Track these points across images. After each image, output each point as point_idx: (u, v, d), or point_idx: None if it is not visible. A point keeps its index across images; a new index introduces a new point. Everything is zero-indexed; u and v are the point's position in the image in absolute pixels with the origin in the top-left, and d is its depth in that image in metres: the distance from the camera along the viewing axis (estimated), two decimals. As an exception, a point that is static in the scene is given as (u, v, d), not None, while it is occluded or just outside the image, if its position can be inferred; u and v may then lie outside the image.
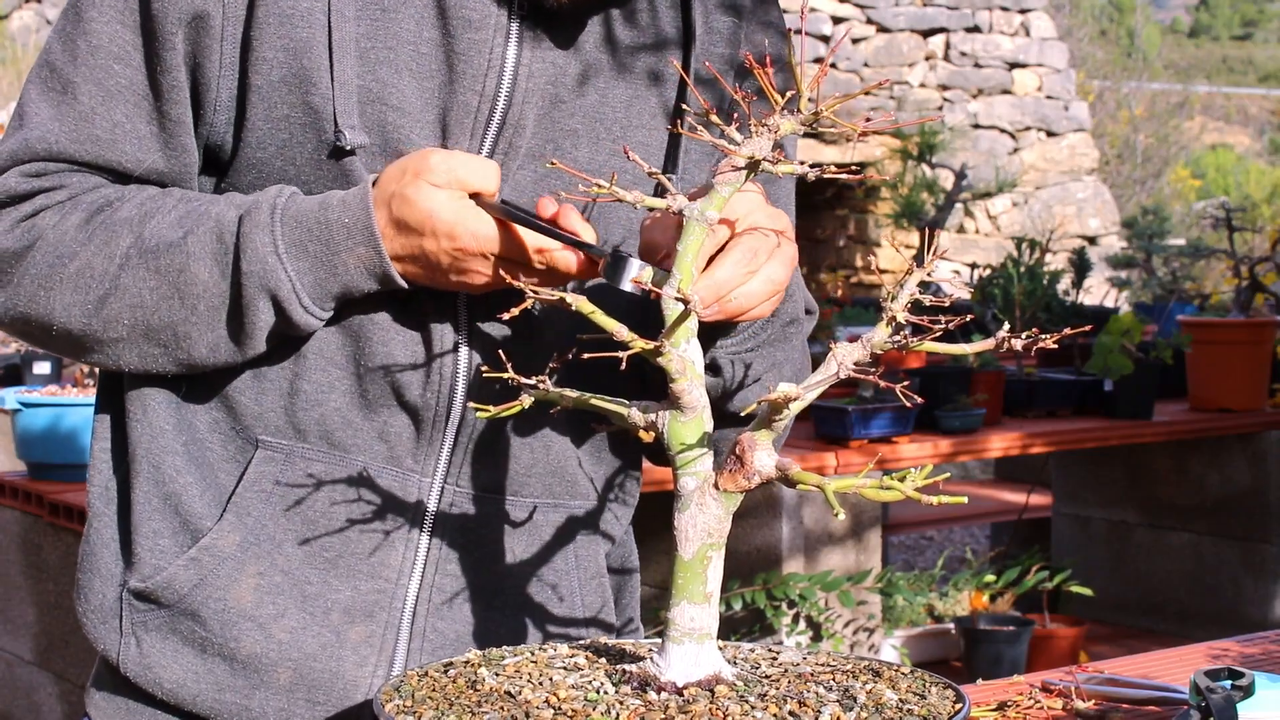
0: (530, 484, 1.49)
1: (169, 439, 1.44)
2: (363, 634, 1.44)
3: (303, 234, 1.35)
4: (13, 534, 3.93)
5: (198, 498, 1.43)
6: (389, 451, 1.44)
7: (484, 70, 1.40)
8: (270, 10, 1.37)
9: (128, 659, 1.44)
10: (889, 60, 11.96)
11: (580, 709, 1.11)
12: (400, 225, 1.34)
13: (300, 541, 1.43)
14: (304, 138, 1.39)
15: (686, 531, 1.16)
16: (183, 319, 1.37)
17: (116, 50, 1.39)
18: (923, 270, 1.15)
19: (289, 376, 1.42)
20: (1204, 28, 39.96)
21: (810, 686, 1.17)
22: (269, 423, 1.43)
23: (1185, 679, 1.51)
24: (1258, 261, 5.15)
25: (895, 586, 4.43)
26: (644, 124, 1.49)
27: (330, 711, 1.42)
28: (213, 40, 1.38)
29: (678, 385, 1.16)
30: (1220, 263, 7.30)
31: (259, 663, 1.42)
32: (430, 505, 1.45)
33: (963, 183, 6.08)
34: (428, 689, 1.18)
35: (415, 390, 1.42)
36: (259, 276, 1.34)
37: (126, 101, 1.39)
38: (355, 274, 1.35)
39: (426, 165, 1.33)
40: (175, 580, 1.42)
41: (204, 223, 1.36)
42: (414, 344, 1.42)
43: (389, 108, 1.39)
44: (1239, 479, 4.97)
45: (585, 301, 1.18)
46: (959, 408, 4.33)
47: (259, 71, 1.38)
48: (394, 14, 1.40)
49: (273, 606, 1.42)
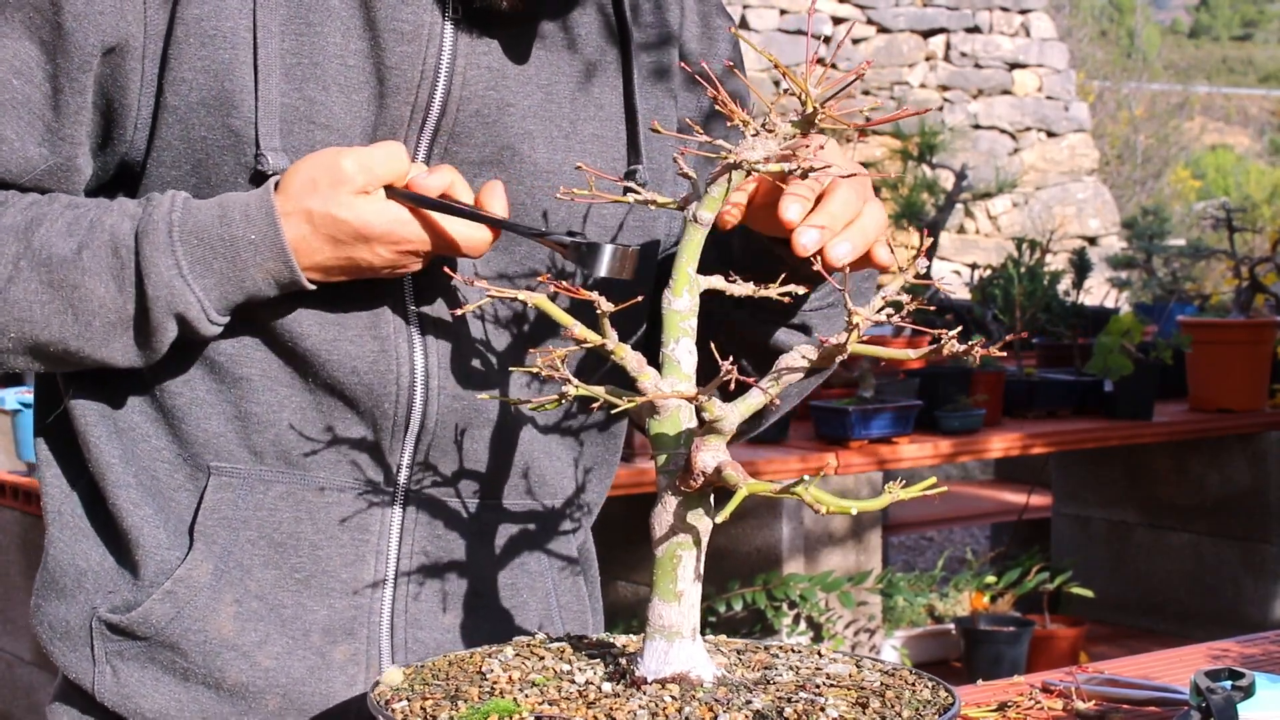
0: (497, 485, 1.47)
1: (118, 473, 1.40)
2: (347, 653, 1.42)
3: (205, 251, 1.31)
4: (13, 534, 3.93)
5: (160, 528, 1.40)
6: (349, 465, 1.41)
7: (416, 81, 1.37)
8: (190, 30, 1.33)
9: (103, 687, 1.41)
10: (889, 61, 11.96)
11: (543, 694, 1.12)
12: (332, 240, 1.31)
13: (269, 565, 1.40)
14: (221, 160, 1.35)
15: (655, 529, 1.18)
16: (75, 334, 1.32)
17: (19, 65, 1.33)
18: (904, 275, 1.16)
19: (234, 400, 1.39)
20: (1204, 28, 39.95)
21: (798, 692, 1.17)
22: (219, 448, 1.39)
23: (1185, 679, 1.51)
24: (1258, 262, 5.15)
25: (896, 587, 4.43)
26: (592, 116, 1.46)
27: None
28: (135, 61, 1.34)
29: (640, 383, 1.16)
30: (1220, 263, 7.30)
31: (246, 691, 1.40)
32: (396, 515, 1.43)
33: (963, 183, 6.07)
34: (409, 680, 1.20)
35: (371, 399, 1.39)
36: (165, 301, 1.31)
37: (20, 118, 1.34)
38: (264, 285, 1.33)
39: (341, 174, 1.30)
40: (151, 614, 1.38)
41: (97, 234, 1.32)
42: (365, 354, 1.39)
43: (316, 125, 1.35)
44: (1239, 479, 4.97)
45: (543, 299, 1.18)
46: (959, 408, 4.33)
47: (176, 92, 1.34)
48: (319, 28, 1.35)
49: (254, 634, 1.39)
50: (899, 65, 12.06)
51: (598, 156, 1.45)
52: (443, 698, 1.15)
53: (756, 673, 1.23)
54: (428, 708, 1.13)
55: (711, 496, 1.18)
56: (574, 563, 1.54)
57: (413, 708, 1.14)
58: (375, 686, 1.19)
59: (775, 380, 1.17)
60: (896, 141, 6.48)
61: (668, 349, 1.18)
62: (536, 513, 1.50)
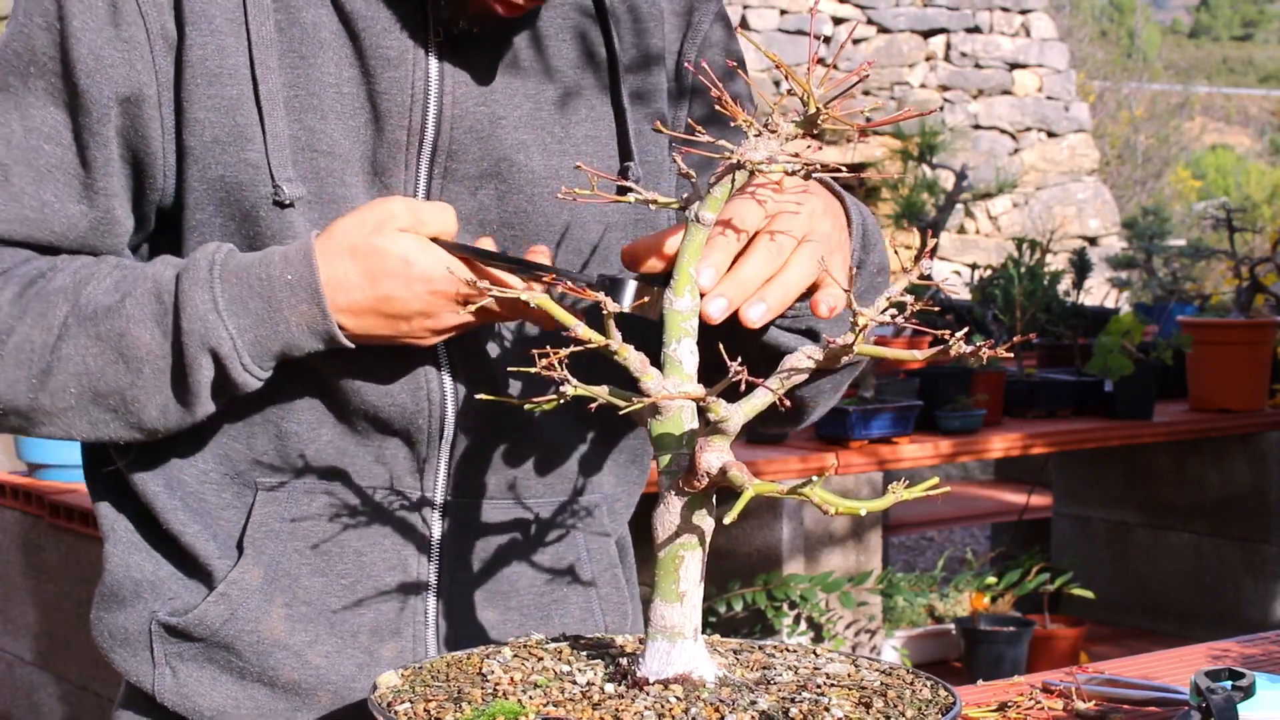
0: (533, 486, 1.51)
1: (164, 500, 1.45)
2: (394, 650, 1.46)
3: (243, 290, 1.33)
4: (13, 534, 3.93)
5: (210, 541, 1.45)
6: (387, 475, 1.45)
7: (408, 105, 1.41)
8: (196, 71, 1.37)
9: (163, 688, 1.46)
10: (889, 61, 11.96)
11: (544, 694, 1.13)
12: (370, 275, 1.32)
13: (316, 573, 1.45)
14: (240, 195, 1.38)
15: (657, 530, 1.18)
16: (129, 384, 1.35)
17: (48, 130, 1.38)
18: (908, 275, 1.16)
19: (275, 420, 1.43)
20: (1204, 28, 39.95)
21: (800, 692, 1.17)
22: (265, 464, 1.44)
23: (1185, 679, 1.51)
24: (1258, 262, 5.15)
25: (896, 587, 4.43)
26: (582, 119, 1.49)
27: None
28: (152, 109, 1.38)
29: (642, 384, 1.16)
30: (1220, 263, 7.30)
31: (299, 688, 1.45)
32: (436, 520, 1.47)
33: (963, 183, 6.07)
34: (408, 682, 1.20)
35: (405, 418, 1.44)
36: (199, 334, 1.32)
37: (57, 180, 1.39)
38: (297, 332, 1.34)
39: (389, 212, 1.33)
40: (206, 616, 1.44)
41: (141, 284, 1.35)
42: (395, 379, 1.43)
43: (320, 154, 1.39)
44: (1239, 479, 4.97)
45: (545, 299, 1.19)
46: (959, 408, 4.33)
47: (193, 133, 1.38)
48: (313, 60, 1.40)
49: (305, 634, 1.44)
50: (899, 65, 12.06)
51: (592, 157, 1.48)
52: (445, 699, 1.15)
53: (755, 673, 1.23)
54: (431, 709, 1.13)
55: (714, 497, 1.18)
56: (613, 557, 1.58)
57: (416, 710, 1.14)
58: (374, 689, 1.19)
59: (781, 380, 1.17)
60: (897, 141, 6.48)
61: (669, 349, 1.18)
62: (573, 510, 1.53)
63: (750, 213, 1.25)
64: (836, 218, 1.35)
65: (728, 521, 1.09)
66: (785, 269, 1.26)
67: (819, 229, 1.30)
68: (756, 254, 1.25)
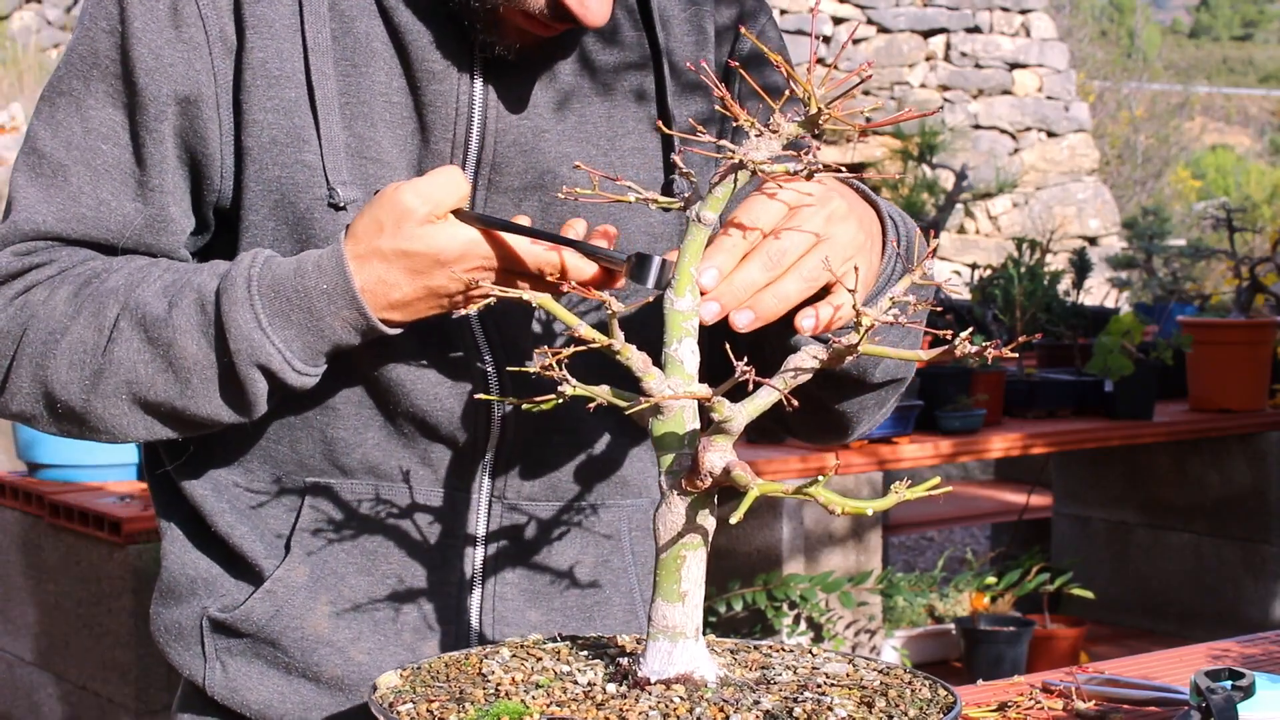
0: (578, 488, 1.53)
1: (212, 503, 1.49)
2: (436, 648, 1.48)
3: (283, 304, 1.34)
4: (13, 534, 3.93)
5: (256, 542, 1.48)
6: (433, 478, 1.47)
7: (452, 119, 1.43)
8: (257, 74, 1.40)
9: (214, 682, 1.49)
10: (889, 60, 11.97)
11: (547, 694, 1.13)
12: (410, 272, 1.32)
13: (362, 572, 1.47)
14: (296, 197, 1.40)
15: (659, 530, 1.18)
16: (179, 393, 1.36)
17: (105, 130, 1.41)
18: (911, 276, 1.15)
19: (321, 425, 1.46)
20: (1204, 28, 39.96)
21: (802, 692, 1.17)
22: (312, 466, 1.47)
23: (1185, 679, 1.51)
24: (1258, 262, 5.15)
25: (896, 587, 4.43)
26: (629, 131, 1.50)
27: None
28: (210, 110, 1.40)
29: (645, 384, 1.16)
30: (1221, 263, 7.30)
31: (343, 683, 1.47)
32: (481, 520, 1.49)
33: (963, 183, 6.08)
34: (408, 682, 1.21)
35: (451, 425, 1.46)
36: (248, 353, 1.34)
37: (113, 179, 1.41)
38: (343, 332, 1.35)
39: (403, 209, 1.31)
40: (253, 612, 1.47)
41: (187, 294, 1.36)
42: (439, 384, 1.45)
43: (369, 160, 1.42)
44: (1239, 479, 4.97)
45: (547, 298, 1.19)
46: (959, 408, 4.33)
47: (251, 134, 1.40)
48: (364, 69, 1.42)
49: (349, 631, 1.47)
50: (899, 65, 12.06)
51: (640, 169, 1.49)
52: (448, 699, 1.15)
53: (755, 673, 1.23)
54: (434, 710, 1.13)
55: (716, 497, 1.18)
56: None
57: (419, 710, 1.14)
58: (374, 690, 1.19)
59: (785, 380, 1.16)
60: (897, 142, 6.48)
61: (670, 349, 1.18)
62: (616, 511, 1.55)
63: (764, 213, 1.24)
64: (865, 223, 1.32)
65: (734, 521, 1.09)
66: (783, 277, 1.24)
67: (838, 233, 1.27)
68: (756, 259, 1.23)
